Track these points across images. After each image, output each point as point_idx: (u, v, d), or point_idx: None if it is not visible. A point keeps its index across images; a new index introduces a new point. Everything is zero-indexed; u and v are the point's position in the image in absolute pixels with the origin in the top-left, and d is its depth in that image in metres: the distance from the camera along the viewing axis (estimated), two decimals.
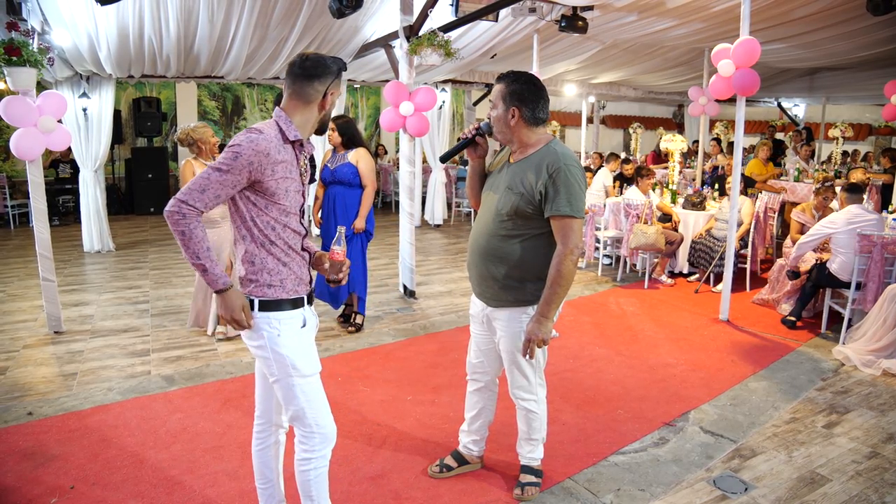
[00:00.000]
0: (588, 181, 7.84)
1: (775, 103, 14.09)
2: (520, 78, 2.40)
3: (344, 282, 2.29)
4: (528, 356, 2.46)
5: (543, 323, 2.38)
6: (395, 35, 6.03)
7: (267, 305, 2.05)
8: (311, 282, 2.20)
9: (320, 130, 2.17)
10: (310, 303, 2.19)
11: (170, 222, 1.91)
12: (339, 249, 2.27)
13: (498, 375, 2.82)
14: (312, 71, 2.02)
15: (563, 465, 3.01)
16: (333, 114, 8.74)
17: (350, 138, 4.66)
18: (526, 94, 2.38)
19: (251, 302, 2.06)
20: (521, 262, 2.43)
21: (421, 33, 5.56)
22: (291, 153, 2.04)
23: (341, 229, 2.31)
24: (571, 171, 2.32)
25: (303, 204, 2.13)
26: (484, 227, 2.52)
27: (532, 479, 2.76)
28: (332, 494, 2.74)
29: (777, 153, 10.79)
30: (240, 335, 2.20)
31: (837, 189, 5.98)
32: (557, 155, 2.35)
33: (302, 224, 2.15)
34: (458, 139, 2.58)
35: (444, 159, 2.70)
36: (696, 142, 10.16)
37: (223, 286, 1.98)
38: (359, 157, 4.65)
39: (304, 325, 2.12)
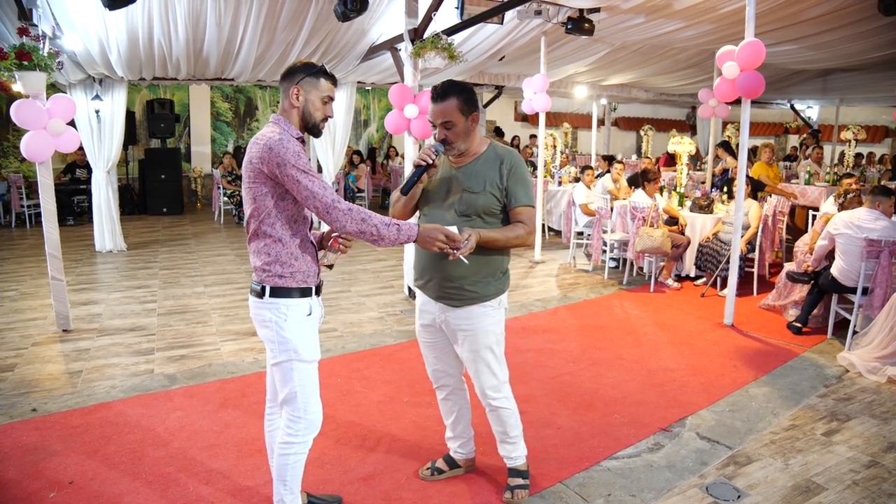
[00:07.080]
0: (591, 180, 7.83)
1: (788, 105, 13.92)
2: (464, 87, 2.52)
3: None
4: (451, 252, 2.29)
5: (476, 239, 2.33)
6: (400, 38, 6.05)
7: (277, 292, 2.23)
8: (318, 273, 2.37)
9: (313, 130, 2.34)
10: (317, 293, 2.36)
11: (352, 223, 2.14)
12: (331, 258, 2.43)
13: (462, 374, 2.82)
14: (283, 75, 2.30)
15: (555, 469, 3.01)
16: (341, 118, 8.92)
17: None
18: (474, 98, 2.55)
19: (262, 289, 2.23)
20: (486, 257, 2.51)
21: (425, 36, 5.58)
22: (301, 147, 2.24)
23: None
24: (523, 166, 2.58)
25: None
26: None
27: (520, 481, 2.76)
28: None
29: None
30: None
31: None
32: (509, 153, 2.58)
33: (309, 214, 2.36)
34: (415, 166, 2.49)
35: (405, 192, 2.54)
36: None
37: (414, 232, 2.21)
38: None
39: (309, 314, 2.29)
